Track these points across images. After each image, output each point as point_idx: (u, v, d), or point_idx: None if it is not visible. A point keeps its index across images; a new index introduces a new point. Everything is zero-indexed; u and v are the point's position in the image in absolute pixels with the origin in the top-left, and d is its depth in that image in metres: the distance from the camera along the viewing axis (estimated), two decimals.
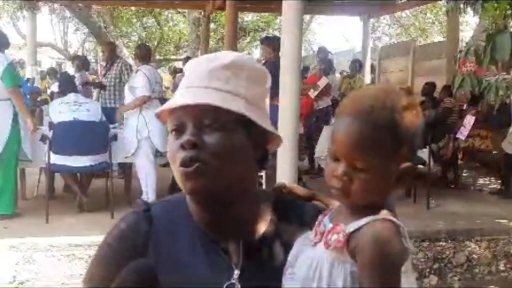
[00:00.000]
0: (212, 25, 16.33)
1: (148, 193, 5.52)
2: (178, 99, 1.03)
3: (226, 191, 1.02)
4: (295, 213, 1.09)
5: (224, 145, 1.00)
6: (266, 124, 1.05)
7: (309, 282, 0.90)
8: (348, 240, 0.89)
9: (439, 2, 13.17)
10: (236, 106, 1.01)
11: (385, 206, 0.93)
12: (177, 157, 1.01)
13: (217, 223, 1.05)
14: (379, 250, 0.86)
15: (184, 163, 1.00)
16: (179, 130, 1.03)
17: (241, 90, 1.04)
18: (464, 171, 7.77)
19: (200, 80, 1.03)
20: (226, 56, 1.07)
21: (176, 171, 1.03)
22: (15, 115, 5.13)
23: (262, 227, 1.06)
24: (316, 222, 0.97)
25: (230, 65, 1.04)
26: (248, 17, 20.88)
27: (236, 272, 1.01)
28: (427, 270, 4.78)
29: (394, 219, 0.91)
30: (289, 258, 0.97)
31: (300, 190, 1.14)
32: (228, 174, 1.02)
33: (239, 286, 1.00)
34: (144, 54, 5.91)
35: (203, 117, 1.00)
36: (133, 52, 6.42)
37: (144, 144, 5.53)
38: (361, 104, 0.92)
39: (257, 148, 1.06)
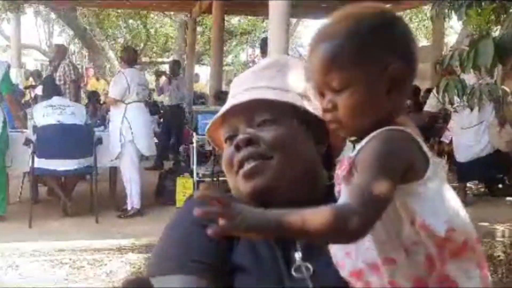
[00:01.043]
0: (199, 28, 16.31)
1: (132, 198, 5.48)
2: (225, 106, 1.02)
3: (289, 189, 0.96)
4: None
5: (280, 137, 0.96)
6: (315, 111, 0.99)
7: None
8: (353, 163, 0.83)
9: (424, 7, 13.30)
10: (286, 97, 0.99)
11: (394, 122, 0.85)
12: (234, 162, 0.98)
13: None
14: (371, 150, 0.80)
15: (241, 164, 0.96)
16: (231, 136, 1.01)
17: (289, 85, 1.02)
18: (449, 174, 7.83)
19: (243, 84, 1.04)
20: (267, 59, 1.10)
21: (233, 177, 0.98)
22: (5, 119, 5.20)
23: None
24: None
25: (273, 64, 1.05)
26: (234, 20, 20.88)
27: (298, 255, 0.95)
28: None
29: (401, 128, 0.83)
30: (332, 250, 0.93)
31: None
32: (290, 169, 0.96)
33: (309, 266, 0.93)
34: (130, 57, 5.89)
35: (254, 114, 0.99)
36: (119, 55, 6.41)
37: (128, 147, 5.49)
38: (320, 30, 0.89)
39: (319, 143, 1.02)
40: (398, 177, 0.79)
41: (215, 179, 5.95)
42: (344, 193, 0.83)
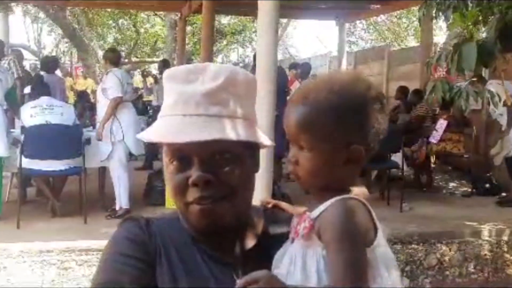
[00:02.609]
0: (189, 28, 16.29)
1: (121, 198, 5.47)
2: (177, 132, 0.95)
3: (238, 219, 1.02)
4: (284, 224, 1.08)
5: (238, 176, 0.98)
6: (264, 139, 1.05)
7: (290, 276, 0.93)
8: (314, 225, 0.92)
9: (414, 7, 13.37)
10: (241, 132, 0.97)
11: (346, 189, 0.95)
12: (188, 194, 0.97)
13: (218, 242, 1.03)
14: (339, 224, 0.88)
15: (199, 202, 0.97)
16: (181, 164, 0.98)
17: (239, 110, 1.00)
18: (437, 174, 7.90)
19: (196, 106, 0.96)
20: (216, 72, 0.99)
21: (184, 205, 0.99)
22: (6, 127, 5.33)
23: (257, 240, 1.06)
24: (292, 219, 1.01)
25: (225, 84, 0.98)
26: (225, 20, 20.89)
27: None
28: (399, 272, 4.84)
29: (358, 197, 0.93)
30: (274, 261, 0.98)
31: (283, 204, 1.15)
32: (244, 204, 1.03)
33: None
34: (116, 58, 5.92)
35: (210, 150, 0.96)
36: (103, 55, 6.40)
37: (118, 147, 5.48)
38: (303, 90, 0.98)
39: (256, 165, 1.06)
40: (363, 252, 0.88)
41: None
42: (328, 269, 0.90)
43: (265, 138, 1.05)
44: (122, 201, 5.45)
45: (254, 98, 1.07)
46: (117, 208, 5.44)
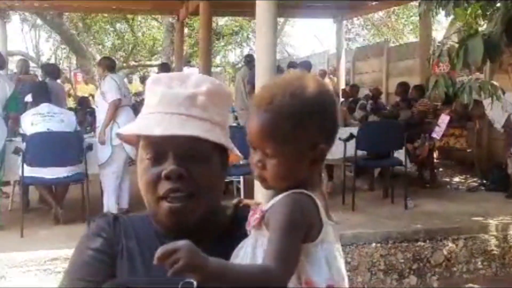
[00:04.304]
0: (186, 30, 16.26)
1: (109, 202, 5.49)
2: (157, 125, 1.01)
3: (203, 219, 1.05)
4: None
5: (208, 176, 1.03)
6: (234, 148, 1.10)
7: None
8: (264, 216, 0.96)
9: (411, 3, 13.35)
10: (217, 136, 1.04)
11: (308, 186, 0.97)
12: (159, 188, 1.01)
13: (184, 239, 1.03)
14: (281, 215, 0.92)
15: (168, 196, 1.00)
16: (157, 158, 1.02)
17: (216, 117, 1.06)
18: (440, 170, 7.87)
19: (178, 106, 1.03)
20: (199, 81, 1.07)
21: (154, 201, 1.03)
22: (7, 135, 5.40)
23: (222, 237, 1.09)
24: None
25: (208, 92, 1.05)
26: (222, 21, 20.87)
27: None
28: (407, 270, 4.82)
29: (308, 192, 0.96)
30: (232, 255, 1.01)
31: (253, 203, 1.18)
32: (211, 206, 1.06)
33: (194, 283, 0.99)
34: (112, 64, 6.00)
35: (186, 147, 1.01)
36: (98, 63, 6.43)
37: (117, 151, 5.47)
38: (264, 94, 0.99)
39: (224, 170, 1.11)
40: (302, 237, 0.92)
41: None
42: (264, 249, 0.94)
43: (236, 150, 1.11)
44: (110, 205, 5.48)
45: (228, 109, 1.16)
46: (104, 211, 5.44)
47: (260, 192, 1.18)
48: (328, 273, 0.95)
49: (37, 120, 5.25)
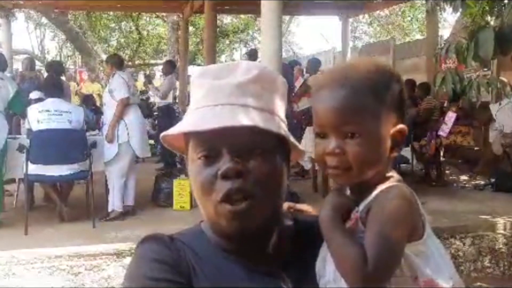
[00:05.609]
0: (191, 28, 16.26)
1: (114, 200, 5.47)
2: (206, 120, 0.89)
3: (270, 223, 0.95)
4: (313, 227, 0.99)
5: (270, 172, 0.91)
6: (296, 142, 0.99)
7: (338, 282, 0.86)
8: (360, 217, 0.86)
9: (418, 0, 13.29)
10: (276, 126, 0.92)
11: (386, 179, 0.89)
12: (217, 189, 0.89)
13: (251, 251, 0.95)
14: (389, 205, 0.82)
15: (229, 197, 0.88)
16: (210, 156, 0.90)
17: (273, 107, 0.95)
18: (447, 168, 7.81)
19: (228, 96, 0.91)
20: (249, 67, 0.96)
21: (212, 205, 0.90)
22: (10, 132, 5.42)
23: (290, 244, 0.99)
24: None
25: (258, 78, 0.94)
26: (227, 19, 20.85)
27: None
28: None
29: (407, 186, 0.88)
30: (317, 269, 0.92)
31: (305, 207, 1.11)
32: (276, 206, 0.95)
33: None
34: (120, 62, 5.99)
35: (243, 140, 0.89)
36: (106, 60, 6.41)
37: (124, 149, 5.46)
38: (335, 74, 0.91)
39: (288, 168, 0.99)
40: (407, 238, 0.83)
41: None
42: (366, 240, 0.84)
43: (296, 142, 0.99)
44: (115, 203, 5.46)
45: (284, 99, 1.00)
46: (109, 210, 5.43)
47: None
48: (450, 269, 0.88)
49: (43, 118, 5.20)
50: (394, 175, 0.91)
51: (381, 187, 0.86)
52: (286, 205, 1.07)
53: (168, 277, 0.89)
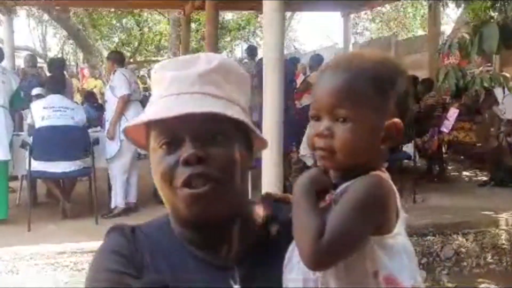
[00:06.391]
0: (193, 25, 16.23)
1: (117, 197, 5.47)
2: (168, 108, 0.90)
3: (232, 211, 0.94)
4: (284, 218, 0.98)
5: (231, 158, 0.92)
6: (258, 131, 0.99)
7: (304, 270, 0.85)
8: (334, 199, 0.85)
9: None
10: (237, 114, 0.93)
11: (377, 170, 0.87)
12: (177, 175, 0.90)
13: (212, 244, 0.96)
14: (360, 191, 0.82)
15: (189, 182, 0.89)
16: (172, 143, 0.91)
17: (234, 96, 0.96)
18: (449, 164, 7.81)
19: (189, 86, 0.92)
20: (209, 58, 0.97)
21: (172, 192, 0.91)
22: (14, 128, 5.49)
23: (254, 238, 0.98)
24: None
25: (219, 68, 0.95)
26: (228, 16, 20.82)
27: (236, 287, 0.94)
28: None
29: (387, 177, 0.86)
30: (288, 253, 0.91)
31: (281, 195, 1.08)
32: (237, 192, 0.94)
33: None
34: (121, 58, 6.02)
35: (204, 127, 0.90)
36: (107, 57, 6.39)
37: (126, 146, 5.46)
38: (341, 59, 0.91)
39: (250, 157, 1.00)
40: (373, 228, 0.81)
41: None
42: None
43: (261, 134, 1.00)
44: (118, 200, 5.46)
45: (247, 93, 1.02)
46: (112, 206, 5.44)
47: (266, 187, 1.09)
48: (414, 271, 0.86)
49: (48, 114, 5.21)
50: (383, 171, 0.89)
51: (361, 176, 0.85)
52: (268, 193, 1.06)
53: (121, 269, 0.92)
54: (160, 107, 0.92)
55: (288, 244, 0.92)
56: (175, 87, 0.93)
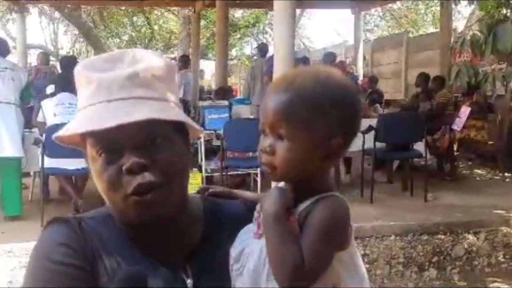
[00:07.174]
0: (202, 22, 16.25)
1: None
2: (101, 118, 0.87)
3: (177, 208, 0.95)
4: (225, 212, 1.05)
5: (174, 160, 0.92)
6: (193, 122, 1.00)
7: (258, 275, 0.89)
8: (298, 220, 0.89)
9: None
10: (174, 113, 0.93)
11: (323, 185, 0.92)
12: (124, 184, 0.89)
13: (160, 241, 0.97)
14: (329, 215, 0.86)
15: (138, 191, 0.89)
16: (111, 153, 0.90)
17: (166, 93, 0.94)
18: (460, 162, 7.76)
19: (119, 90, 0.90)
20: (135, 57, 0.94)
21: (120, 199, 0.90)
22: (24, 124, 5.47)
23: (199, 232, 1.01)
24: (256, 214, 0.95)
25: (146, 67, 0.93)
26: (238, 13, 20.80)
27: (189, 281, 0.96)
28: (426, 263, 4.76)
29: (340, 195, 0.91)
30: (233, 254, 0.93)
31: (220, 190, 1.12)
32: (182, 192, 0.96)
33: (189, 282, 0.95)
34: None
35: (142, 134, 0.89)
36: None
37: None
38: (285, 78, 0.93)
39: (189, 149, 1.01)
40: (337, 247, 0.88)
41: (223, 174, 5.92)
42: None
43: (193, 123, 1.00)
44: None
45: (175, 83, 1.02)
46: None
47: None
48: (359, 274, 0.93)
49: (60, 111, 5.27)
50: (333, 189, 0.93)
51: (320, 195, 0.89)
52: (205, 187, 1.09)
53: (73, 262, 0.90)
54: (92, 116, 0.90)
55: (230, 238, 0.95)
56: (103, 92, 0.91)
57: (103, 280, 0.91)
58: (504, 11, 4.02)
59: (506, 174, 6.78)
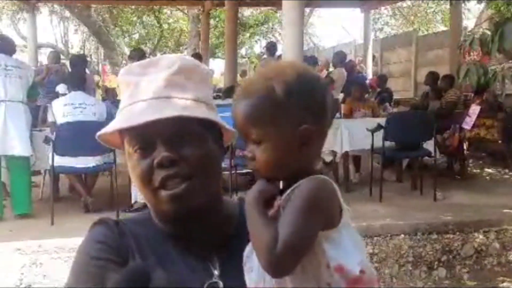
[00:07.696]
0: (212, 21, 16.28)
1: (136, 193, 5.50)
2: (137, 115, 0.96)
3: (207, 203, 1.01)
4: None
5: (202, 156, 0.99)
6: (225, 124, 1.05)
7: (264, 273, 0.91)
8: (281, 205, 0.91)
9: None
10: (203, 113, 1.00)
11: (311, 172, 0.94)
12: (154, 177, 0.97)
13: (192, 234, 1.04)
14: (304, 196, 0.88)
15: (165, 184, 0.96)
16: (145, 148, 0.98)
17: (199, 95, 1.02)
18: (470, 161, 7.72)
19: (155, 91, 0.99)
20: (170, 61, 1.03)
21: (151, 193, 0.98)
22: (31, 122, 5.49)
23: (231, 228, 1.07)
24: None
25: (181, 70, 1.01)
26: (247, 12, 20.81)
27: (216, 272, 1.01)
28: (436, 262, 4.75)
29: (325, 177, 0.93)
30: (245, 252, 0.97)
31: None
32: (212, 187, 1.02)
33: (221, 284, 1.00)
34: (142, 55, 6.09)
35: (173, 130, 0.97)
36: (129, 56, 6.51)
37: None
38: (242, 86, 0.98)
39: (221, 149, 1.07)
40: (321, 226, 0.88)
41: (233, 172, 5.93)
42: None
43: (228, 126, 1.06)
44: (137, 195, 5.50)
45: (208, 86, 1.09)
46: (132, 201, 5.49)
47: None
48: (359, 256, 0.92)
49: (68, 111, 5.31)
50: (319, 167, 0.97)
51: (301, 181, 0.91)
52: (241, 197, 1.12)
53: (108, 256, 0.99)
54: (130, 114, 0.98)
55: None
56: (140, 94, 0.99)
57: (133, 266, 0.98)
58: None
59: None
